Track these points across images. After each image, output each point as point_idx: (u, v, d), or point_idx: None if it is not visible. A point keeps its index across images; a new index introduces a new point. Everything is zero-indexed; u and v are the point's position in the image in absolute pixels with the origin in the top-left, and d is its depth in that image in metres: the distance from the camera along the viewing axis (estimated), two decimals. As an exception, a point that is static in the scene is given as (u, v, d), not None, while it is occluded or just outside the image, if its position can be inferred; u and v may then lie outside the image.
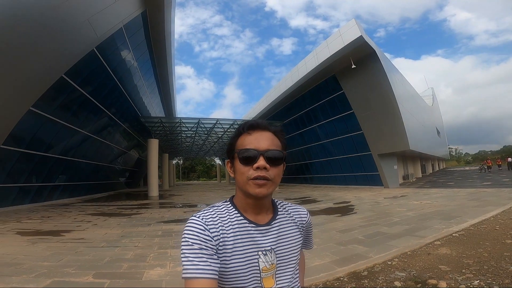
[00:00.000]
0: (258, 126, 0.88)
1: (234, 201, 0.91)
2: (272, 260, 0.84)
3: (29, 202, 12.53)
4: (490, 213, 7.01)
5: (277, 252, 0.86)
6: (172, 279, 3.43)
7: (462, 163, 72.85)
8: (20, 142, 10.96)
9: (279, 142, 0.88)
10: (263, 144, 0.84)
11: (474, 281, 3.07)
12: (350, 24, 15.90)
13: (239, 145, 0.87)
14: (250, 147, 0.84)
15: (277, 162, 0.84)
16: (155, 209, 11.50)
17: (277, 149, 0.85)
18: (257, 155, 0.82)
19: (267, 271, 0.83)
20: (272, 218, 0.90)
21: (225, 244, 0.80)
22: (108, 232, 6.40)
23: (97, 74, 13.56)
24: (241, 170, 0.84)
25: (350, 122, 20.01)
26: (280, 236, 0.89)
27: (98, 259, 4.27)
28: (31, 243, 5.36)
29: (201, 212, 0.84)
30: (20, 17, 7.81)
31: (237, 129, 0.91)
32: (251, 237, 0.84)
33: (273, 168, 0.83)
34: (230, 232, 0.82)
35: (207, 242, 0.77)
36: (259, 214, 0.89)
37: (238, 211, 0.87)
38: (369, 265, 3.79)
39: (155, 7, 13.95)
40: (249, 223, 0.86)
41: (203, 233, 0.78)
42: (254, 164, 0.82)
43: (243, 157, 0.83)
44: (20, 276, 3.51)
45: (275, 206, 0.95)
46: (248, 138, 0.86)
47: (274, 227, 0.88)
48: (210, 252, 0.76)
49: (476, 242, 4.62)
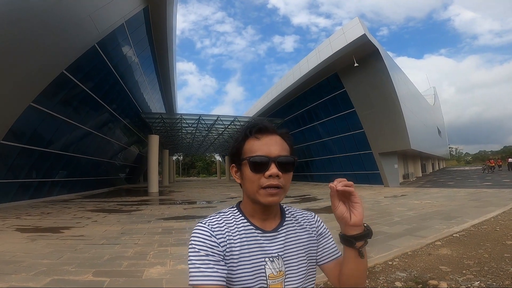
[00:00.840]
0: (267, 129, 0.84)
1: (241, 207, 0.89)
2: (279, 267, 0.82)
3: (29, 198, 12.54)
4: (491, 213, 7.00)
5: (285, 258, 0.84)
6: (173, 277, 3.42)
7: (462, 163, 72.87)
8: (20, 137, 10.94)
9: (287, 146, 0.85)
10: (274, 150, 0.81)
11: (475, 282, 3.06)
12: (353, 22, 15.81)
13: (247, 151, 0.83)
14: (261, 154, 0.80)
15: (289, 168, 0.81)
16: (155, 206, 11.52)
17: (288, 154, 0.83)
18: (269, 162, 0.79)
19: (275, 278, 0.81)
20: (279, 224, 0.88)
21: (232, 250, 0.79)
22: (108, 229, 6.40)
23: (98, 70, 13.52)
24: (252, 178, 0.80)
25: (352, 120, 19.94)
26: (287, 242, 0.86)
27: (98, 256, 4.26)
28: (30, 240, 5.36)
29: (208, 219, 0.84)
30: (22, 13, 7.79)
31: (243, 132, 0.87)
32: (258, 244, 0.82)
33: (284, 174, 0.80)
34: (237, 238, 0.81)
35: (214, 248, 0.76)
36: (267, 220, 0.87)
37: (245, 218, 0.86)
38: (370, 265, 3.78)
39: (157, 3, 13.91)
40: (256, 229, 0.84)
41: (209, 240, 0.77)
42: (266, 172, 0.78)
43: (255, 164, 0.80)
44: (19, 274, 3.50)
45: (283, 211, 0.93)
46: (257, 143, 0.82)
47: (281, 233, 0.86)
48: (217, 258, 0.75)
49: (476, 243, 4.60)
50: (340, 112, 20.86)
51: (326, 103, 21.88)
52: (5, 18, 7.48)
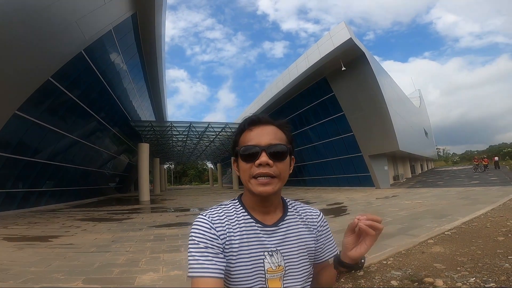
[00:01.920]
0: (260, 121, 0.84)
1: (243, 200, 0.89)
2: (278, 262, 0.81)
3: (16, 208, 12.20)
4: (480, 211, 7.14)
5: (284, 253, 0.83)
6: (166, 283, 3.35)
7: (450, 163, 74.37)
8: (5, 146, 10.68)
9: (283, 135, 0.85)
10: (265, 139, 0.80)
11: (470, 278, 3.09)
12: (339, 26, 16.14)
13: (241, 142, 0.84)
14: (251, 143, 0.81)
15: (282, 156, 0.80)
16: (147, 214, 11.35)
17: (281, 143, 0.82)
18: (259, 151, 0.79)
19: (273, 273, 0.80)
20: (281, 219, 0.87)
21: (231, 243, 0.79)
22: (98, 237, 6.25)
23: (85, 77, 13.31)
24: (244, 168, 0.81)
25: (341, 124, 20.24)
26: (287, 237, 0.85)
27: (88, 264, 4.16)
28: (17, 249, 5.23)
29: (208, 211, 0.84)
30: (6, 18, 7.62)
31: (239, 126, 0.88)
32: (257, 237, 0.82)
33: (277, 163, 0.79)
34: (237, 231, 0.81)
35: (213, 240, 0.76)
36: (268, 214, 0.86)
37: (246, 210, 0.85)
38: (365, 265, 3.77)
39: (145, 10, 13.86)
40: (256, 222, 0.83)
41: (209, 232, 0.77)
42: (256, 161, 0.78)
43: (245, 154, 0.81)
44: (7, 282, 3.43)
45: (286, 206, 0.91)
46: (249, 134, 0.83)
47: (281, 228, 0.85)
48: (216, 251, 0.76)
49: (468, 240, 4.67)
50: (330, 116, 21.14)
51: (316, 107, 22.15)
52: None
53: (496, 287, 2.84)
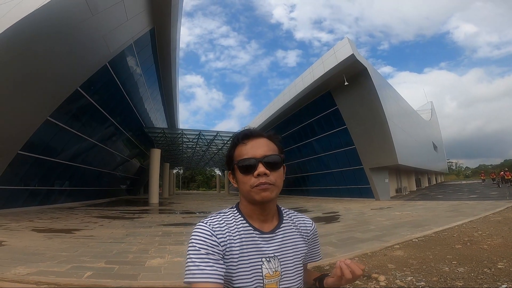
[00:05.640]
0: (252, 134, 0.89)
1: (240, 208, 0.92)
2: (275, 267, 0.84)
3: (37, 204, 13.39)
4: (457, 222, 7.43)
5: (281, 259, 0.86)
6: (169, 266, 4.21)
7: (462, 177, 72.67)
8: (35, 148, 11.82)
9: (274, 146, 0.89)
10: (260, 151, 0.85)
11: (409, 277, 3.50)
12: (343, 42, 16.56)
13: (237, 156, 0.87)
14: (247, 156, 0.84)
15: (276, 166, 0.85)
16: (156, 214, 12.30)
17: (274, 153, 0.86)
18: (256, 163, 0.83)
19: (271, 278, 0.83)
20: (277, 226, 0.91)
21: (232, 250, 0.81)
22: (113, 232, 7.20)
23: (108, 87, 14.50)
24: (243, 180, 0.85)
25: (344, 137, 20.62)
26: (284, 244, 0.89)
27: (108, 251, 5.06)
28: (47, 238, 6.12)
29: (208, 219, 0.86)
30: (44, 33, 8.52)
31: (232, 140, 0.92)
32: (255, 244, 0.85)
33: (273, 172, 0.84)
34: (237, 238, 0.83)
35: (214, 247, 0.78)
36: (265, 221, 0.90)
37: (244, 218, 0.88)
38: (332, 261, 4.48)
39: (162, 25, 14.90)
40: (254, 230, 0.86)
41: (210, 239, 0.79)
42: (254, 172, 0.82)
43: (243, 166, 0.84)
44: (45, 262, 4.25)
45: (281, 214, 0.96)
46: (244, 148, 0.86)
47: (278, 235, 0.89)
48: (217, 257, 0.77)
49: (429, 246, 5.11)
50: (333, 129, 21.56)
51: (320, 120, 22.61)
52: (31, 39, 8.20)
53: (425, 286, 3.23)
